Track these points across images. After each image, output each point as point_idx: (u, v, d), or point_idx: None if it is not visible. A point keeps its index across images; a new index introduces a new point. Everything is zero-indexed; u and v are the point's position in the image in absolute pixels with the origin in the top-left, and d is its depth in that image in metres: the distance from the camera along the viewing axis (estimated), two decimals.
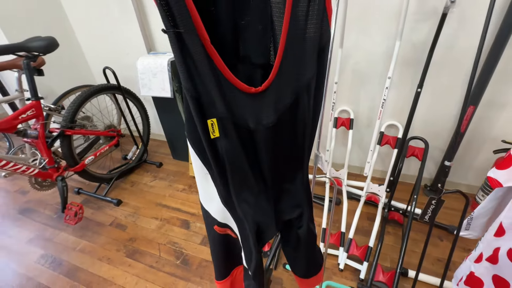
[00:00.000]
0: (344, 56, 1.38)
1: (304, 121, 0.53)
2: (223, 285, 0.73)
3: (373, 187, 1.49)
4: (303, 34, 0.45)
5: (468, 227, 0.85)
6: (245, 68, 0.48)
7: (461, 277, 0.82)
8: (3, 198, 1.79)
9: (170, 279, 1.22)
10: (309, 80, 0.49)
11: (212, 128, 0.44)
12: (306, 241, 0.66)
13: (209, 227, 0.63)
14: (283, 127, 0.51)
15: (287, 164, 0.58)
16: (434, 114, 1.39)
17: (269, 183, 0.57)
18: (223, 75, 0.41)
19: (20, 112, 1.24)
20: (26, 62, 1.23)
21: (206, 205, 0.61)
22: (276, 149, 0.53)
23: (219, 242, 0.66)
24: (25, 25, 1.69)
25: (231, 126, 0.46)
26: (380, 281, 1.09)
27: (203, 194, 0.59)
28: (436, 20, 1.08)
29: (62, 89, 1.68)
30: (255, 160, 0.53)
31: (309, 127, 0.55)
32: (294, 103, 0.50)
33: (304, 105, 0.51)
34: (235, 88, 0.43)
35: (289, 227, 0.66)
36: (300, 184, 0.62)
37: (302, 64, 0.47)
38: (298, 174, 0.61)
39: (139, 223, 1.53)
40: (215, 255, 0.69)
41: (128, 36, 1.81)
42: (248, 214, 0.56)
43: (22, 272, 1.30)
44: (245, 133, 0.48)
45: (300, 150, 0.57)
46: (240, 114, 0.46)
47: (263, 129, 0.48)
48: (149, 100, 2.04)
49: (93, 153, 1.63)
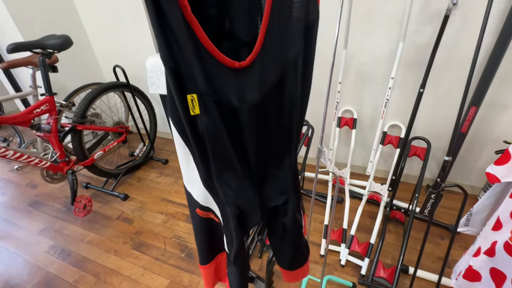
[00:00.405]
0: (348, 57, 1.41)
1: (291, 100, 0.51)
2: (206, 270, 0.71)
3: (375, 186, 1.51)
4: (288, 10, 0.44)
5: (468, 223, 0.87)
6: (230, 44, 0.46)
7: (460, 272, 0.84)
8: (14, 191, 1.84)
9: (175, 271, 1.25)
10: (296, 58, 0.48)
11: (192, 104, 0.42)
12: (292, 230, 0.63)
13: (192, 210, 0.62)
14: (269, 106, 0.49)
15: (273, 147, 0.55)
16: (436, 114, 1.41)
17: (254, 166, 0.55)
18: (204, 47, 0.39)
19: (34, 106, 1.29)
20: (42, 59, 1.28)
21: (189, 187, 0.59)
22: (261, 130, 0.51)
23: (202, 226, 0.64)
24: (39, 24, 1.75)
25: (212, 103, 0.44)
26: (381, 277, 1.11)
27: (185, 176, 0.58)
28: (438, 22, 1.10)
29: (73, 86, 1.73)
30: (238, 141, 0.50)
31: (297, 107, 0.53)
32: (281, 81, 0.48)
33: (291, 84, 0.49)
34: (217, 61, 0.41)
35: (274, 214, 0.63)
36: (288, 170, 0.59)
37: (288, 40, 0.46)
38: (285, 158, 0.58)
39: (145, 217, 1.57)
40: (199, 239, 0.68)
41: (137, 36, 1.86)
42: (229, 198, 0.54)
43: (33, 261, 1.34)
44: (228, 111, 0.46)
45: (288, 133, 0.55)
46: (223, 90, 0.44)
47: (247, 107, 0.47)
48: (156, 98, 2.08)
49: (102, 149, 1.67)
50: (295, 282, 0.87)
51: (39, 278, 1.26)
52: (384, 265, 1.15)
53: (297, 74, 0.50)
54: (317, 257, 1.27)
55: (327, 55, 1.43)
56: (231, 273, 0.66)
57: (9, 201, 1.76)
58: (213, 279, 0.75)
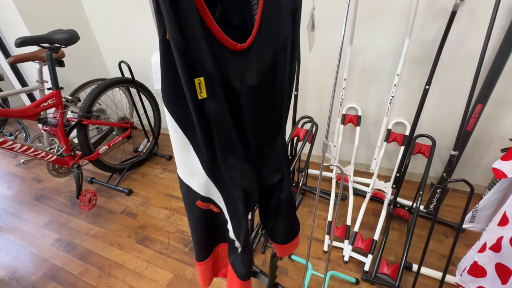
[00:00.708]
0: (354, 53, 1.40)
1: (282, 82, 0.54)
2: (204, 266, 0.69)
3: (379, 184, 1.50)
4: None
5: (473, 219, 0.87)
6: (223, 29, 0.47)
7: (465, 268, 0.84)
8: (19, 185, 1.86)
9: (179, 265, 1.26)
10: (286, 39, 0.52)
11: (199, 88, 0.41)
12: (287, 205, 0.68)
13: (190, 204, 0.60)
14: (264, 89, 0.52)
15: (267, 126, 0.58)
16: (442, 112, 1.40)
17: (252, 147, 0.57)
18: (209, 29, 0.39)
19: (41, 100, 1.31)
20: (49, 53, 1.29)
21: (187, 180, 0.57)
22: (257, 111, 0.53)
23: (201, 219, 0.62)
24: (46, 20, 1.77)
25: (219, 86, 0.44)
26: (385, 273, 1.11)
27: (183, 168, 0.56)
28: (445, 18, 1.10)
29: (78, 82, 1.75)
30: (239, 124, 0.52)
31: (286, 89, 0.56)
32: (274, 63, 0.51)
33: (282, 66, 0.53)
34: (221, 44, 0.41)
35: (270, 193, 0.67)
36: (280, 148, 0.63)
37: (279, 24, 0.49)
38: (277, 137, 0.62)
39: (149, 212, 1.58)
40: (196, 234, 0.66)
41: (143, 32, 1.87)
42: (236, 181, 0.54)
43: (38, 254, 1.36)
44: (231, 94, 0.47)
45: (279, 113, 0.59)
46: (226, 73, 0.44)
47: (246, 90, 0.48)
48: (159, 94, 2.09)
49: (107, 144, 1.69)
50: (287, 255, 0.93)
51: (45, 270, 1.27)
52: (387, 262, 1.14)
53: (287, 55, 0.53)
54: (320, 253, 1.27)
55: (333, 52, 1.44)
56: (236, 259, 0.66)
57: (15, 194, 1.78)
58: (210, 275, 0.74)
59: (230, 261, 0.68)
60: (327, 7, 1.33)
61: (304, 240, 1.33)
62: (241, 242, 0.61)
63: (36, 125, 2.60)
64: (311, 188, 1.62)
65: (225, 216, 0.60)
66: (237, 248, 0.63)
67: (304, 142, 1.31)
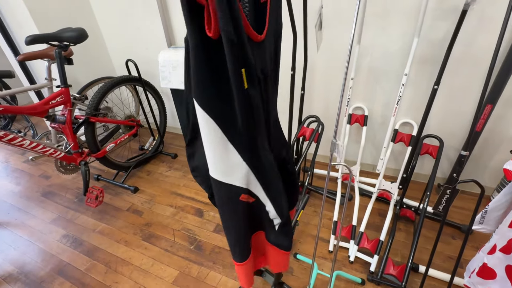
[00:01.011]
0: (361, 53, 1.39)
1: (278, 69, 0.63)
2: (248, 264, 0.74)
3: (385, 184, 1.49)
4: None
5: (482, 220, 0.86)
6: None
7: (474, 269, 0.83)
8: (27, 181, 1.89)
9: (184, 263, 1.26)
10: (281, 30, 0.59)
11: (244, 78, 0.45)
12: (293, 175, 0.79)
13: (233, 203, 0.64)
14: (271, 76, 0.59)
15: (273, 109, 0.66)
16: (450, 112, 1.39)
17: (270, 129, 0.64)
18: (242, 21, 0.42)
19: (50, 98, 1.32)
20: (58, 51, 1.31)
21: (228, 179, 0.60)
22: (269, 97, 0.60)
23: (244, 213, 0.66)
24: (54, 19, 1.78)
25: (255, 76, 0.48)
26: (391, 274, 1.10)
27: (223, 168, 0.58)
28: (455, 17, 1.09)
29: (85, 80, 1.76)
30: (264, 109, 0.59)
31: (278, 75, 0.64)
32: (276, 52, 0.59)
33: (278, 54, 0.60)
34: (248, 35, 0.45)
35: (282, 165, 0.74)
36: (279, 126, 0.72)
37: (277, 16, 0.56)
38: (277, 116, 0.71)
39: (155, 209, 1.59)
40: (239, 232, 0.70)
41: (149, 31, 1.88)
42: (269, 161, 0.62)
43: (46, 249, 1.38)
44: (259, 82, 0.52)
45: (277, 95, 0.67)
46: (256, 63, 0.49)
47: (263, 77, 0.54)
48: (165, 93, 2.10)
49: (114, 141, 1.70)
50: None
51: (52, 265, 1.29)
52: (393, 263, 1.14)
53: (279, 45, 0.61)
54: (326, 252, 1.27)
55: (340, 51, 1.43)
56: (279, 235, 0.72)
57: (23, 191, 1.80)
58: (252, 271, 0.80)
59: (271, 242, 0.74)
60: (334, 6, 1.32)
61: (309, 240, 1.33)
62: (283, 217, 0.67)
63: (42, 122, 2.64)
64: (317, 187, 1.62)
65: (261, 201, 0.65)
66: (275, 225, 0.69)
67: (310, 141, 1.31)
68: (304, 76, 1.40)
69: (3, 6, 1.71)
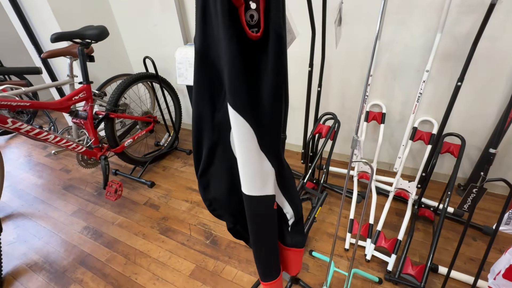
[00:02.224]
0: (380, 49, 1.37)
1: None
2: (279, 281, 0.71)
3: (403, 183, 1.47)
4: None
5: (509, 221, 0.83)
6: None
7: (499, 271, 0.80)
8: (49, 175, 1.96)
9: (201, 257, 1.29)
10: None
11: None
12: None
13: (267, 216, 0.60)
14: None
15: None
16: (473, 110, 1.34)
17: None
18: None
19: (73, 94, 1.37)
20: (81, 49, 1.35)
21: (263, 190, 0.56)
22: None
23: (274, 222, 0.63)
24: (75, 17, 1.83)
25: None
26: (409, 274, 1.08)
27: (258, 180, 0.55)
28: (481, 11, 1.05)
29: (103, 77, 1.81)
30: None
31: None
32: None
33: None
34: None
35: None
36: None
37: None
38: None
39: (171, 204, 1.62)
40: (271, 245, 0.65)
41: (166, 29, 1.91)
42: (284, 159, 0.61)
43: (68, 240, 1.43)
44: None
45: None
46: None
47: None
48: (181, 90, 2.13)
49: (132, 137, 1.74)
50: None
51: (74, 256, 1.34)
52: (412, 263, 1.12)
53: None
54: (341, 250, 1.26)
55: (357, 47, 1.41)
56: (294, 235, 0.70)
57: (45, 183, 1.87)
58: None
59: (288, 245, 0.72)
60: (352, 1, 1.30)
61: (325, 238, 1.33)
62: (299, 214, 0.66)
63: (62, 119, 2.73)
64: (332, 185, 1.60)
65: (279, 205, 0.65)
66: (289, 226, 0.68)
67: (326, 139, 1.30)
68: (321, 72, 1.39)
69: (27, 6, 1.77)
